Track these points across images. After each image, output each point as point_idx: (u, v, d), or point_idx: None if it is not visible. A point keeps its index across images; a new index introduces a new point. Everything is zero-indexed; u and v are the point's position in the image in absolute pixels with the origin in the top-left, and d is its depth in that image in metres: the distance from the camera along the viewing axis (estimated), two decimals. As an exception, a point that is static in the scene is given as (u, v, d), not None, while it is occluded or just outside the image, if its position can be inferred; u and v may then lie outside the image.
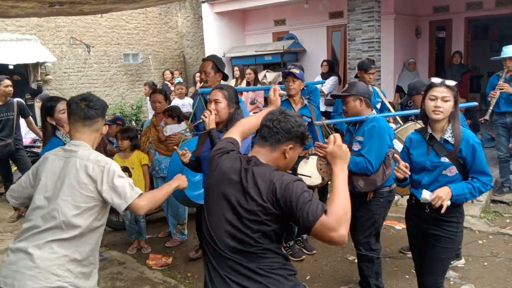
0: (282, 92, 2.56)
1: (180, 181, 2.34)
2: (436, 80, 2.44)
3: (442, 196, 2.29)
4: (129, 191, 1.95)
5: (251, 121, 2.23)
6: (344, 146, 1.76)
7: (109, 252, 4.33)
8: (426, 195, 2.36)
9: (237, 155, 1.85)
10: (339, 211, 1.55)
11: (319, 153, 2.95)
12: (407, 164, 2.43)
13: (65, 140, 3.05)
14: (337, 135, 1.81)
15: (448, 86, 2.38)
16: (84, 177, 1.93)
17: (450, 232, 2.45)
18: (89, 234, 1.97)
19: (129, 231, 4.42)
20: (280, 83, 8.36)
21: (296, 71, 3.82)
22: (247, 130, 2.21)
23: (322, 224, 1.53)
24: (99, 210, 1.99)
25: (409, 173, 2.42)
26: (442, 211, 2.29)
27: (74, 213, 1.91)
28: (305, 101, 4.01)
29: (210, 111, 2.75)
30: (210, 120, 2.72)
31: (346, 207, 1.59)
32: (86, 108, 2.06)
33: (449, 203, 2.30)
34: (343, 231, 1.53)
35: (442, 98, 2.36)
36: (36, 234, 1.91)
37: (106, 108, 2.17)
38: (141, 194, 2.00)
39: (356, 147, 3.04)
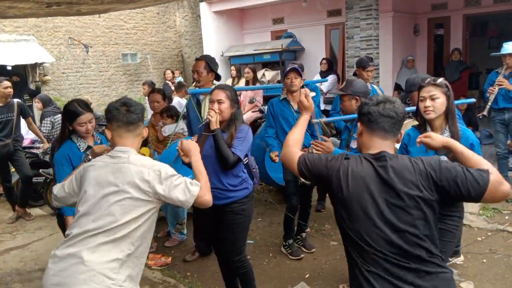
0: (312, 93, 2.43)
1: (194, 149, 2.25)
2: (424, 80, 2.45)
3: None
4: (191, 188, 1.95)
5: (299, 137, 2.04)
6: None
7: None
8: None
9: (356, 157, 1.74)
10: (483, 161, 1.63)
11: (316, 151, 2.95)
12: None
13: (79, 145, 3.03)
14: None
15: (434, 84, 2.38)
16: (141, 182, 1.91)
17: (452, 226, 2.48)
18: (135, 234, 1.92)
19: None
20: (278, 81, 8.39)
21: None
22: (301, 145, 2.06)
23: (494, 182, 1.53)
24: (150, 213, 1.97)
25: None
26: None
27: (127, 218, 1.89)
28: (304, 100, 4.02)
29: (215, 111, 2.75)
30: (215, 120, 2.74)
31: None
32: (127, 113, 2.02)
33: None
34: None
35: (430, 97, 2.37)
36: (87, 238, 1.87)
37: (144, 111, 2.14)
38: (200, 187, 1.99)
39: (354, 144, 3.04)
